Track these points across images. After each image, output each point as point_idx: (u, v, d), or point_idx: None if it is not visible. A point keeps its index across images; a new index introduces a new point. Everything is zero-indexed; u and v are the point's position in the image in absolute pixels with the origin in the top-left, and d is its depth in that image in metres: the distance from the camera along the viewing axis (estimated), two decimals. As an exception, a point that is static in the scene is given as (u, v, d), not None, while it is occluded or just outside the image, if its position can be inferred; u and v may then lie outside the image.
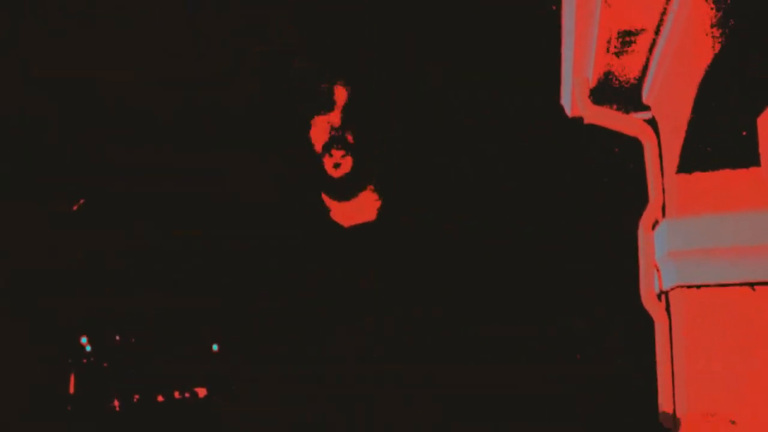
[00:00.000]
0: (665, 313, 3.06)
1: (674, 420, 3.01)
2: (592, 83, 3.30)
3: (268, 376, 1.74)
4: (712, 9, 2.49)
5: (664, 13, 2.80)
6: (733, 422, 2.58)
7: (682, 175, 2.84)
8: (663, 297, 3.12)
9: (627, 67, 3.22)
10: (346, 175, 1.74)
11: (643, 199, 3.28)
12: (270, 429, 1.71)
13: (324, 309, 1.73)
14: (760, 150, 2.58)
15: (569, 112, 3.64)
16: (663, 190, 3.07)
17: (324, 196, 1.82)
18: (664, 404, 3.02)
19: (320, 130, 1.75)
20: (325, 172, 1.76)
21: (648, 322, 3.23)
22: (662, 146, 3.12)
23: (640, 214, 3.22)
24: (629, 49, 3.04)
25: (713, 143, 2.73)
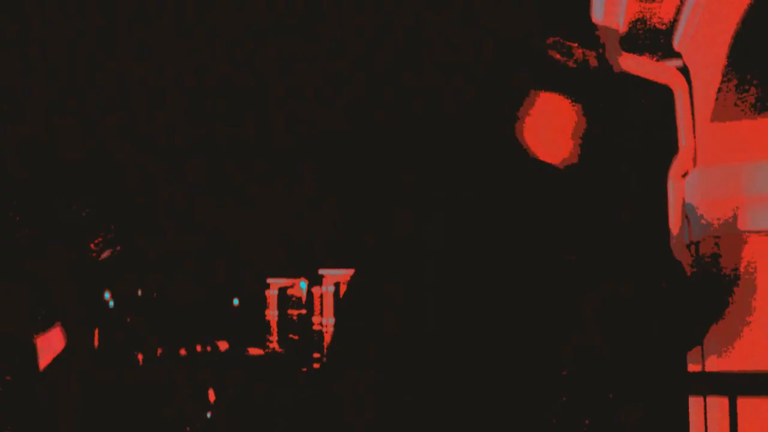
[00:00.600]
0: (696, 263, 3.03)
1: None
2: (623, 30, 3.23)
3: None
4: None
5: (699, -45, 2.72)
6: None
7: (716, 124, 2.80)
8: (692, 247, 3.09)
9: (659, 13, 3.15)
10: None
11: (670, 151, 3.23)
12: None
13: None
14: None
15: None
16: (694, 139, 3.02)
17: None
18: (693, 352, 3.01)
19: None
20: None
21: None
22: (694, 94, 3.06)
23: (669, 165, 3.18)
24: (662, -7, 2.97)
25: (748, 89, 2.67)
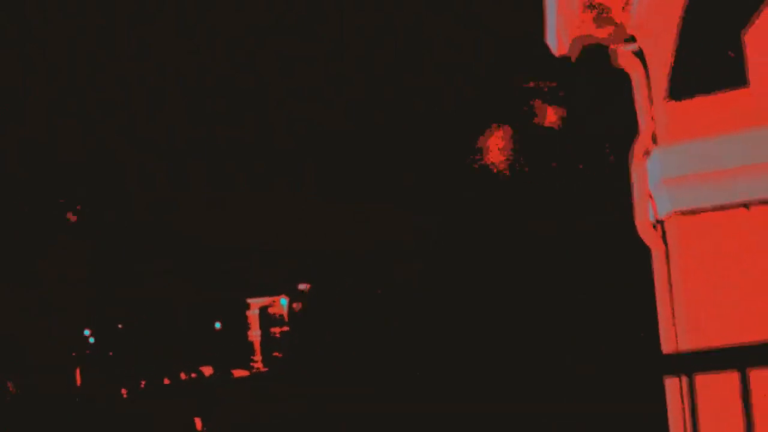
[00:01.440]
0: (662, 241, 3.07)
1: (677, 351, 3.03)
2: (577, 17, 3.28)
3: None
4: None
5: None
6: None
7: (671, 102, 2.84)
8: (658, 226, 3.12)
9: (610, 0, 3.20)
10: None
11: (631, 134, 3.27)
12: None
13: None
14: (748, 68, 2.57)
15: (555, 51, 3.63)
16: (653, 119, 3.07)
17: None
18: (666, 330, 3.04)
19: None
20: None
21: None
22: (650, 76, 3.11)
23: (630, 146, 3.22)
24: (611, -21, 3.02)
25: (700, 67, 2.72)
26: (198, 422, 15.89)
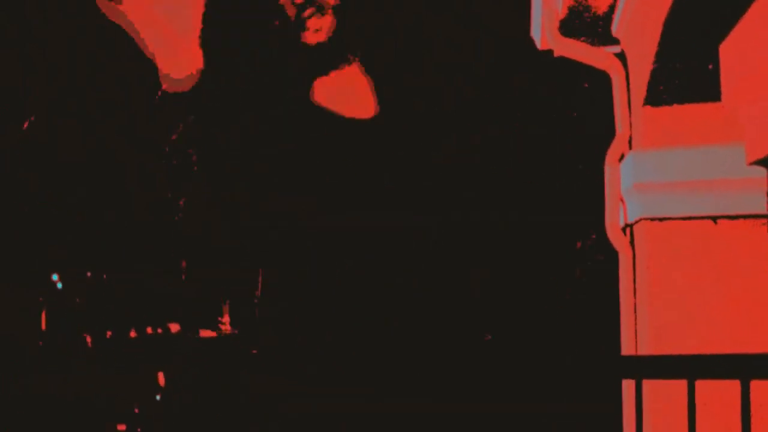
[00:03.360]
0: (629, 246, 3.09)
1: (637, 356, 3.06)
2: (562, 15, 3.26)
3: None
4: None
5: (634, -57, 2.76)
6: None
7: (649, 108, 2.84)
8: (627, 230, 3.15)
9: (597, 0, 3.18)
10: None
11: (609, 135, 3.27)
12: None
13: None
14: (722, 82, 2.57)
15: (539, 44, 3.61)
16: (630, 124, 3.07)
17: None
18: (627, 334, 3.07)
19: None
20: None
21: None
22: (630, 80, 3.11)
23: (607, 148, 3.22)
24: (599, -20, 3.00)
25: (679, 76, 2.72)
26: (161, 376, 15.89)
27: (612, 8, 3.25)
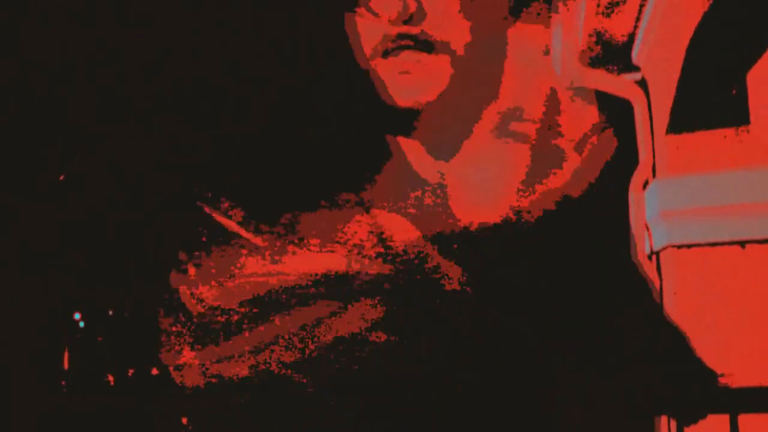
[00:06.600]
0: (656, 273, 3.08)
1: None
2: (582, 45, 3.28)
3: None
4: (701, -34, 2.47)
5: (653, -29, 2.78)
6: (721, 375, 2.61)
7: (672, 135, 2.85)
8: (654, 257, 3.13)
9: (617, 28, 3.20)
10: None
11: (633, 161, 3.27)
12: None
13: None
14: (750, 107, 2.58)
15: (558, 74, 3.62)
16: (653, 150, 3.07)
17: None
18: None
19: None
20: None
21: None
22: (652, 107, 3.11)
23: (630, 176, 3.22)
24: (619, 9, 3.02)
25: (703, 102, 2.73)
26: (185, 420, 15.85)
27: (632, 36, 3.27)
